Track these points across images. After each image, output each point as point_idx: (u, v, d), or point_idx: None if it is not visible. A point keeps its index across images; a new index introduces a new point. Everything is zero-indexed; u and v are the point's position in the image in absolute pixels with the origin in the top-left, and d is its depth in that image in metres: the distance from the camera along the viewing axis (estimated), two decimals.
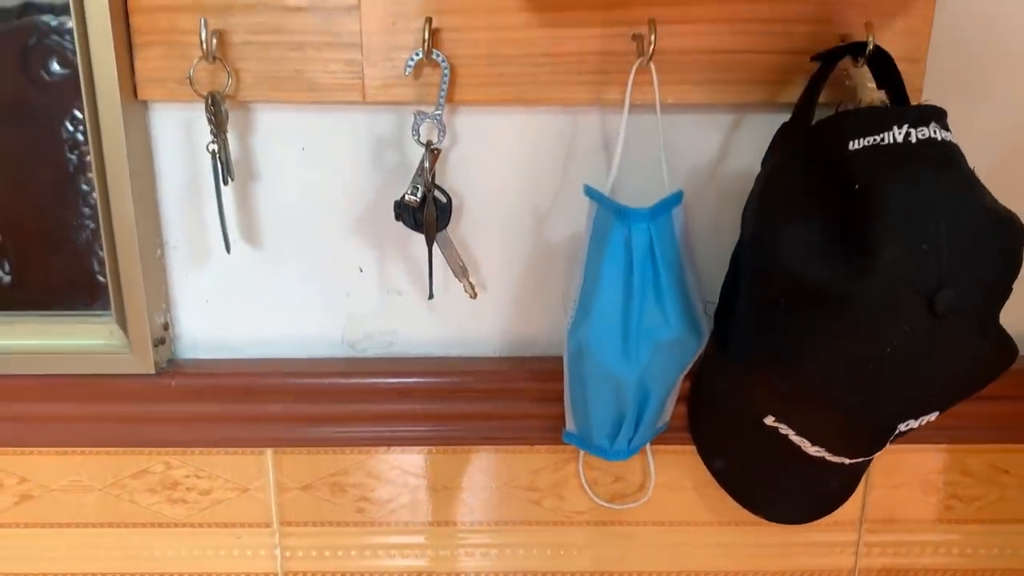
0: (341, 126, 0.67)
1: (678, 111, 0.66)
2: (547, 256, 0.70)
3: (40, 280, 0.76)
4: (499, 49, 0.63)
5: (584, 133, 0.67)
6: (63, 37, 0.68)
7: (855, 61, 0.61)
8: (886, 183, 0.52)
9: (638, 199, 0.68)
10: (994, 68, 0.67)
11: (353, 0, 0.62)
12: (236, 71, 0.64)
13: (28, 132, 0.73)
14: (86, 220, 0.73)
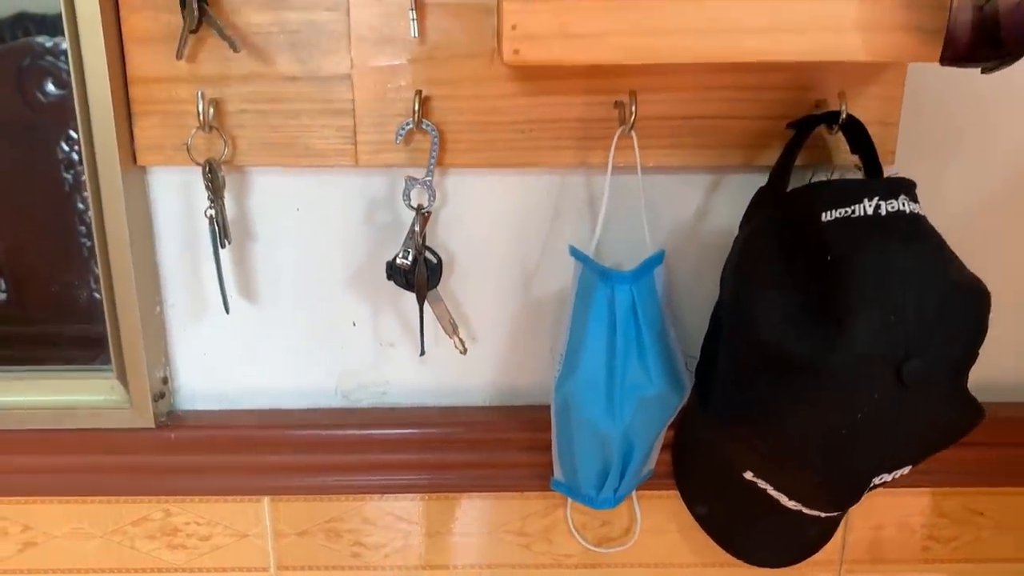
0: (335, 188, 0.69)
1: (659, 171, 0.68)
2: (535, 309, 0.73)
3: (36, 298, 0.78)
4: (486, 116, 0.66)
5: (569, 192, 0.70)
6: (58, 58, 0.70)
7: (829, 129, 0.64)
8: (856, 256, 0.55)
9: (622, 254, 0.71)
10: (965, 129, 0.69)
11: (345, 70, 0.65)
12: (232, 138, 0.66)
13: (24, 152, 0.74)
14: (82, 238, 0.75)
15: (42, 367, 0.74)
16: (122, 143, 0.66)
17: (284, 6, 0.63)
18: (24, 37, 0.75)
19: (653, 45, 0.52)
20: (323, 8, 0.63)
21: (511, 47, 0.52)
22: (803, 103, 0.66)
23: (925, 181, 0.68)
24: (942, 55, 0.50)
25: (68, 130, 0.74)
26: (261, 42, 0.64)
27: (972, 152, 0.70)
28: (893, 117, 0.66)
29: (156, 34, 0.64)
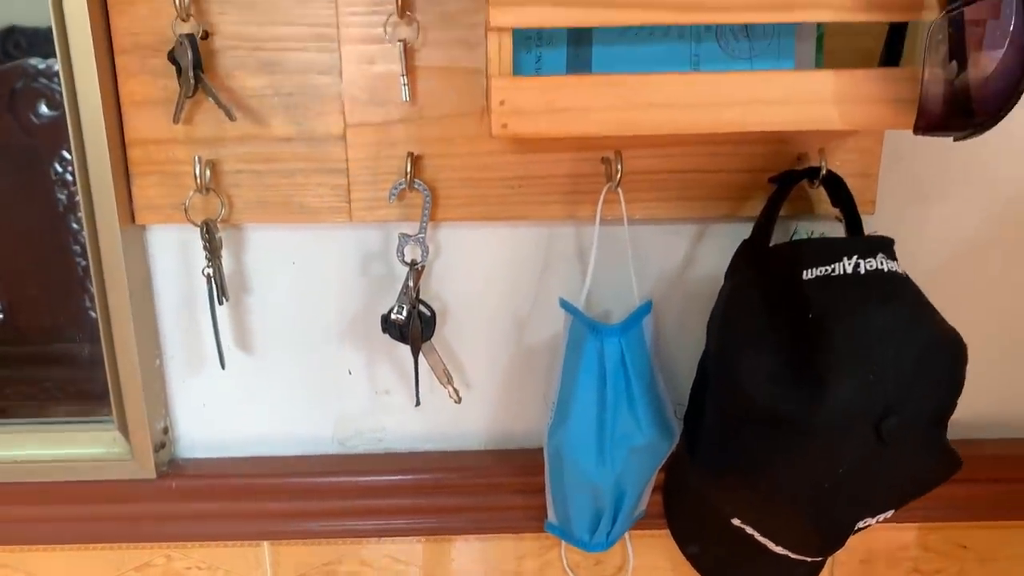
0: (330, 242, 0.71)
1: (646, 222, 0.70)
2: (527, 356, 0.74)
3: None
4: (477, 172, 0.67)
5: (559, 243, 0.71)
6: (51, 80, 0.71)
7: (810, 183, 0.65)
8: (836, 315, 0.56)
9: (611, 302, 0.72)
10: (944, 175, 0.71)
11: (339, 131, 0.66)
12: (229, 197, 0.67)
13: (18, 173, 0.75)
14: (77, 257, 0.77)
15: (44, 420, 0.76)
16: (121, 203, 0.67)
17: (278, 70, 0.65)
18: (15, 50, 0.76)
19: (637, 119, 0.53)
20: (316, 72, 0.65)
21: (499, 121, 0.53)
22: (784, 156, 0.67)
23: (906, 226, 0.71)
24: (915, 125, 0.52)
25: (61, 151, 0.75)
26: (256, 105, 0.65)
27: (951, 197, 0.72)
28: (872, 169, 0.68)
29: (153, 98, 0.65)
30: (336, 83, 0.65)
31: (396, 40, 0.63)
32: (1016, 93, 0.50)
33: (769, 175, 0.67)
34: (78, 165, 0.66)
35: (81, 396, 0.81)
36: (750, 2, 0.51)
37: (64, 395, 1.00)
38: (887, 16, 0.52)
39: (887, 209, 0.70)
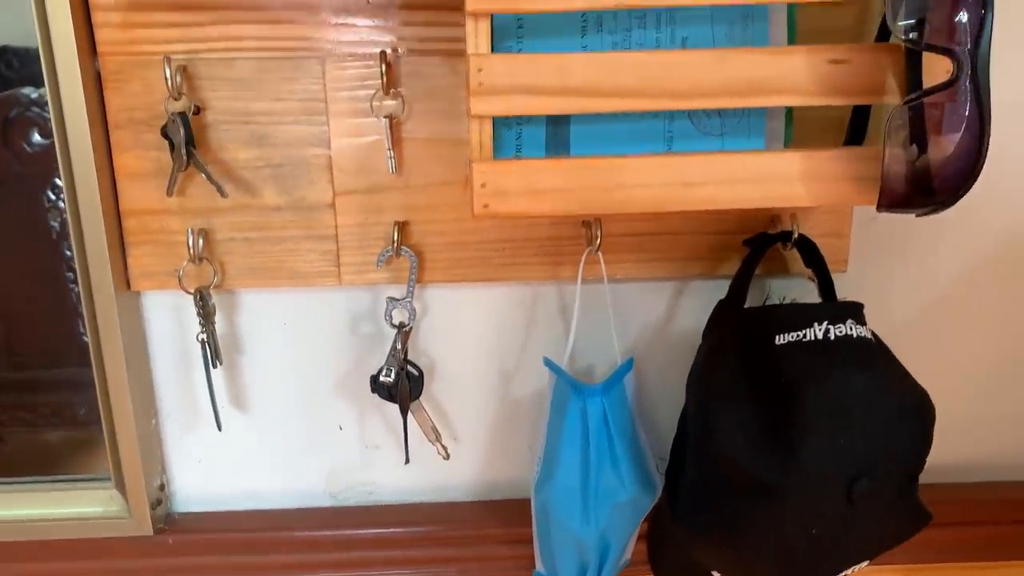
0: (320, 304, 0.73)
1: (626, 281, 0.72)
2: (513, 410, 0.76)
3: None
4: (462, 237, 0.70)
5: (542, 302, 0.74)
6: (43, 109, 0.73)
7: (784, 246, 0.68)
8: (808, 381, 0.59)
9: (593, 356, 0.75)
10: (913, 233, 0.74)
11: (328, 199, 0.68)
12: (221, 264, 0.69)
13: (10, 202, 0.76)
14: (71, 284, 0.78)
15: (40, 478, 0.77)
16: (116, 270, 0.69)
17: (268, 143, 0.67)
18: (7, 70, 0.77)
19: (613, 199, 0.56)
20: (306, 144, 0.67)
21: (481, 202, 0.56)
22: (758, 218, 0.70)
23: (878, 281, 0.74)
24: (878, 203, 0.54)
25: (54, 179, 0.77)
26: (247, 176, 0.68)
27: (922, 252, 0.74)
28: (844, 229, 0.71)
29: (147, 171, 0.67)
30: (325, 154, 0.67)
31: (382, 115, 0.65)
32: (974, 173, 0.52)
33: (743, 237, 0.70)
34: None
35: (74, 422, 0.83)
36: (720, 90, 0.54)
37: (60, 420, 1.02)
38: (850, 101, 0.55)
39: (860, 265, 0.73)
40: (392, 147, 0.66)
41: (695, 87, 0.54)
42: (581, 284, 0.69)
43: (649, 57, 0.54)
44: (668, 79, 0.53)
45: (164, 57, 0.63)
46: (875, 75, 0.54)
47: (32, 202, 0.83)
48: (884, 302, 0.74)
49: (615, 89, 0.54)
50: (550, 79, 0.53)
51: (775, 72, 0.53)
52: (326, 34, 0.65)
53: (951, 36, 0.50)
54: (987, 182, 0.66)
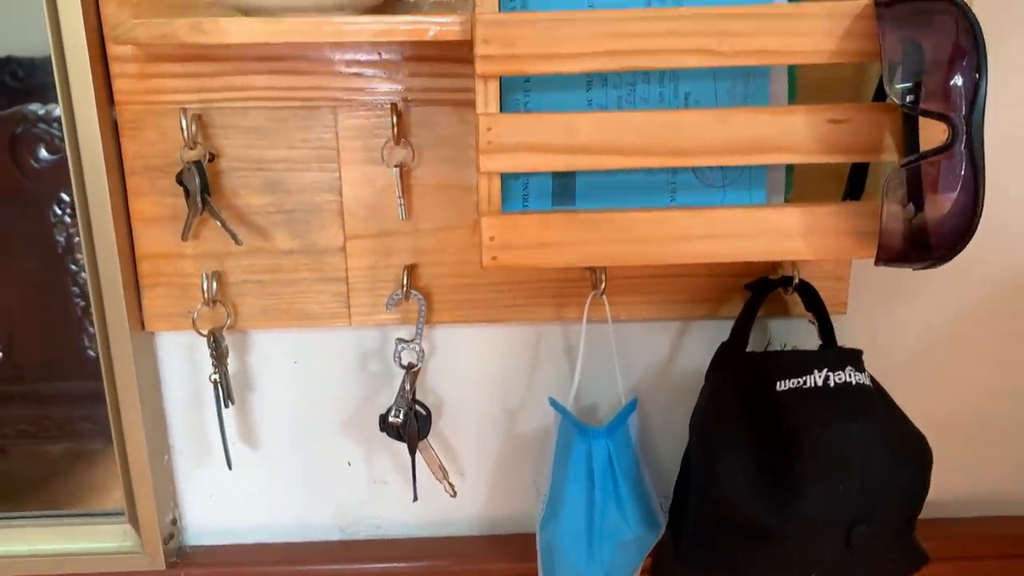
0: (329, 343, 0.74)
1: (631, 321, 0.74)
2: (518, 446, 0.78)
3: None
4: (469, 279, 0.71)
5: (547, 341, 0.75)
6: (50, 125, 0.74)
7: (785, 290, 0.69)
8: (808, 428, 0.60)
9: (598, 394, 0.76)
10: (909, 278, 0.75)
11: (339, 243, 0.70)
12: (234, 306, 0.71)
13: (18, 217, 0.78)
14: (76, 297, 0.80)
15: (54, 512, 0.79)
16: (131, 312, 0.70)
17: (281, 189, 0.68)
18: (12, 80, 0.78)
19: (617, 252, 0.57)
20: (318, 190, 0.69)
21: (489, 255, 0.57)
22: (760, 263, 0.71)
23: (878, 321, 0.75)
24: (876, 258, 0.56)
25: (60, 194, 0.78)
26: (260, 221, 0.69)
27: (922, 292, 0.76)
28: (844, 273, 0.72)
29: (161, 215, 0.69)
30: (336, 200, 0.69)
31: (393, 164, 0.67)
32: (970, 230, 0.54)
33: (745, 281, 0.71)
34: (91, 276, 0.70)
35: (76, 434, 0.84)
36: (722, 148, 0.55)
37: (62, 433, 1.03)
38: (849, 159, 0.56)
39: (859, 307, 0.74)
40: (402, 195, 0.67)
41: (697, 145, 0.55)
42: (586, 323, 0.70)
43: (652, 117, 0.55)
44: (671, 138, 0.55)
45: (180, 109, 0.65)
46: (873, 134, 0.55)
47: (38, 216, 0.85)
48: (883, 343, 0.76)
49: (619, 147, 0.55)
50: (556, 137, 0.55)
51: (776, 131, 0.55)
52: (338, 84, 0.66)
53: (947, 100, 0.52)
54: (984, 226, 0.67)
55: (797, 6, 0.54)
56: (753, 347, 0.72)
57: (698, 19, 0.53)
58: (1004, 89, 0.69)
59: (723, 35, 0.53)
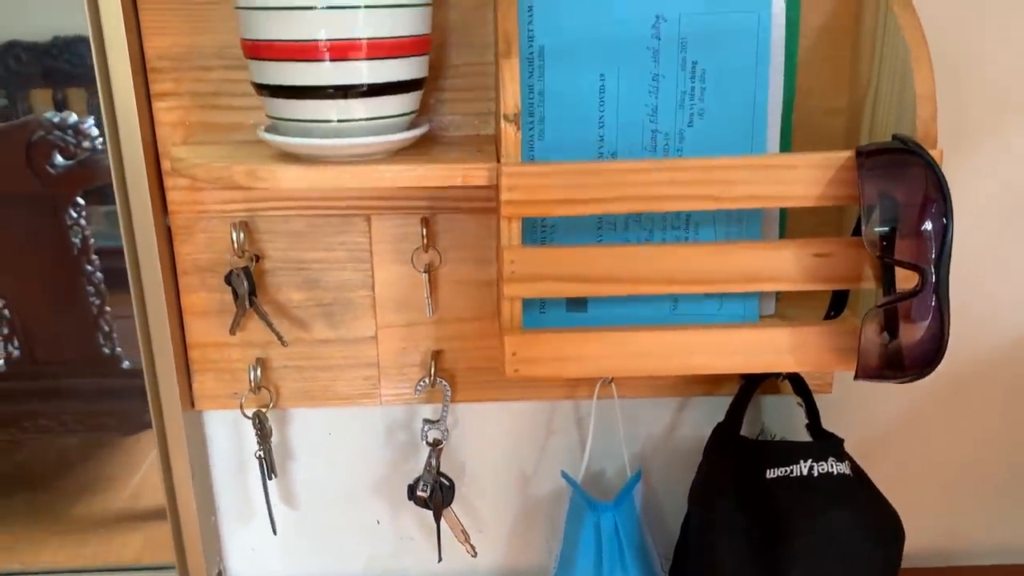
0: (361, 418, 0.82)
1: (635, 398, 0.81)
2: (533, 507, 0.86)
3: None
4: (489, 363, 0.78)
5: (559, 414, 0.83)
6: (65, 132, 0.81)
7: (776, 377, 0.76)
8: (794, 515, 0.68)
9: (606, 460, 0.84)
10: None
11: (371, 332, 0.77)
12: (276, 388, 0.78)
13: (35, 221, 0.86)
14: (92, 298, 0.87)
15: (109, 566, 0.87)
16: (183, 393, 0.78)
17: (319, 286, 0.75)
18: (15, 63, 0.85)
19: (625, 364, 0.64)
20: (353, 287, 0.75)
21: (512, 367, 0.64)
22: None
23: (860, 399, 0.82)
24: (855, 375, 0.63)
25: (75, 198, 0.85)
26: (300, 314, 0.76)
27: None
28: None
29: (211, 309, 0.76)
30: (369, 296, 0.76)
31: (421, 269, 0.74)
32: (940, 353, 0.60)
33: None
34: (146, 362, 0.77)
35: (93, 428, 0.91)
36: (720, 278, 0.62)
37: (81, 427, 1.11)
38: (832, 287, 0.63)
39: (843, 386, 0.81)
40: (430, 294, 0.74)
41: (699, 276, 0.62)
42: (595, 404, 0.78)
43: (658, 250, 0.62)
44: (675, 270, 0.62)
45: (231, 224, 0.71)
46: (854, 266, 0.62)
47: (55, 219, 0.91)
48: (866, 418, 0.83)
49: (629, 277, 0.62)
50: (572, 268, 0.62)
51: (768, 264, 0.62)
52: (373, 196, 0.73)
53: (918, 243, 0.58)
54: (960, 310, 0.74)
55: (787, 157, 0.61)
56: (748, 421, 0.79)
57: (700, 170, 0.59)
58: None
59: (722, 183, 0.60)
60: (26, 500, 1.12)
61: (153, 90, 0.70)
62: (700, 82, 0.65)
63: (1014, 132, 0.75)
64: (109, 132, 0.69)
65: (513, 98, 0.59)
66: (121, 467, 1.32)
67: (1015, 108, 0.74)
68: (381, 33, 0.57)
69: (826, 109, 0.71)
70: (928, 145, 0.59)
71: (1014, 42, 0.73)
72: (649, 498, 0.85)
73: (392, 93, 0.60)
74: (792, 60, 0.66)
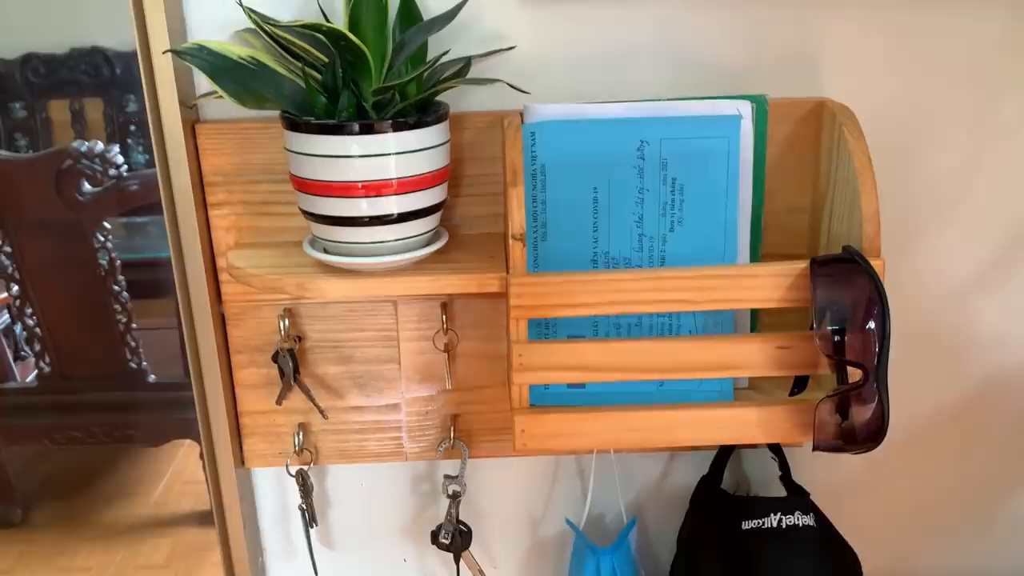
0: (389, 470, 0.93)
1: (631, 451, 0.92)
2: (540, 545, 0.97)
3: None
4: (502, 425, 0.89)
5: (564, 467, 0.94)
6: (92, 161, 0.92)
7: None
8: (765, 562, 0.79)
9: (604, 506, 0.95)
10: None
11: (397, 400, 0.88)
12: (316, 449, 0.90)
13: (64, 245, 0.98)
14: (118, 315, 0.99)
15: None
16: (235, 453, 0.89)
17: (352, 361, 0.87)
18: (33, 76, 0.94)
19: (622, 439, 0.75)
20: (381, 361, 0.87)
21: (521, 442, 0.75)
22: None
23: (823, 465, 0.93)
24: (813, 447, 0.74)
25: (103, 223, 0.95)
26: (336, 384, 0.87)
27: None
28: None
29: (259, 383, 0.87)
30: (396, 369, 0.87)
31: (441, 347, 0.85)
32: (884, 429, 0.71)
33: None
34: (203, 429, 0.88)
35: (120, 439, 1.02)
36: (698, 367, 0.73)
37: (109, 440, 1.23)
38: (793, 373, 0.74)
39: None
40: (449, 370, 0.85)
41: (681, 365, 0.73)
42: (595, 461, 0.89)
43: (646, 345, 0.73)
44: (660, 361, 0.72)
45: (278, 316, 0.83)
46: (811, 356, 0.72)
47: (83, 243, 1.02)
48: (832, 467, 0.94)
49: (620, 367, 0.73)
50: (571, 360, 0.73)
51: (738, 355, 0.72)
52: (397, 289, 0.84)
53: (863, 341, 0.69)
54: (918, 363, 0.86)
55: (752, 267, 0.72)
56: (731, 469, 0.90)
57: (678, 279, 0.70)
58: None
59: (697, 290, 0.70)
60: (57, 508, 1.23)
61: (209, 200, 0.81)
62: (679, 195, 0.76)
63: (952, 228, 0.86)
64: (171, 238, 0.80)
65: (519, 220, 0.70)
66: (148, 475, 1.44)
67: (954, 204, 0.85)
68: (409, 173, 0.68)
69: (791, 208, 0.82)
70: (872, 256, 0.70)
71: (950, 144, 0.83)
72: (643, 541, 0.96)
73: (417, 218, 0.71)
74: (760, 171, 0.77)
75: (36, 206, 1.37)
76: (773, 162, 0.80)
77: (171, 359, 1.15)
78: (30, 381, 1.38)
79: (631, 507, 0.95)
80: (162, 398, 1.45)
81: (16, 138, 1.46)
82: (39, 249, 1.38)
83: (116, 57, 1.39)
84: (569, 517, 0.93)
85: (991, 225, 0.86)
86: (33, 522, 1.37)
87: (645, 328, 0.79)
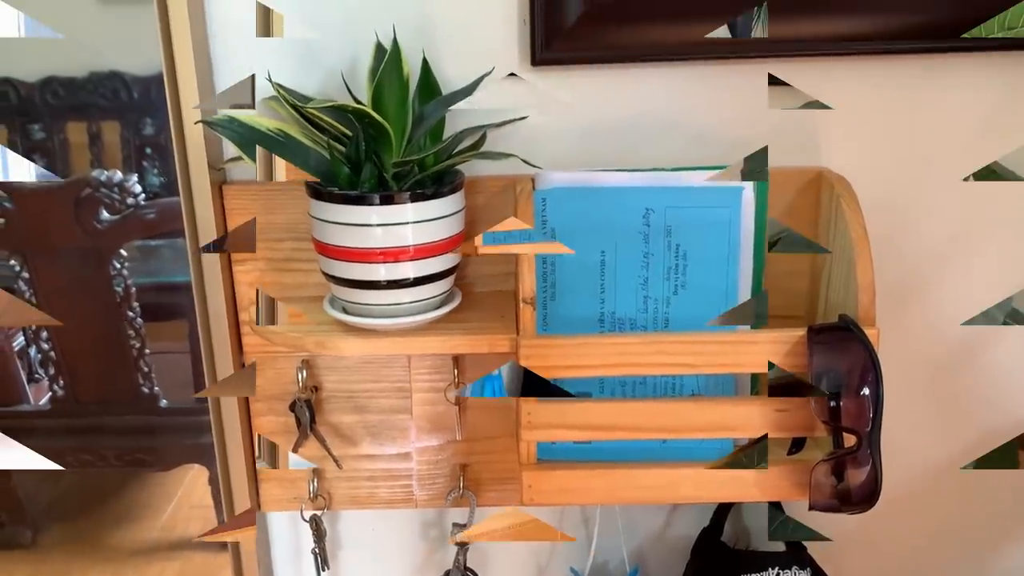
0: (400, 515, 0.96)
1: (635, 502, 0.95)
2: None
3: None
4: (509, 474, 0.92)
5: (569, 516, 0.96)
6: (111, 190, 0.95)
7: None
8: None
9: (608, 553, 0.97)
10: None
11: (408, 449, 0.91)
12: (330, 495, 0.93)
13: (82, 271, 0.99)
14: (131, 341, 1.02)
15: None
16: (252, 497, 0.92)
17: (366, 411, 0.90)
18: (53, 99, 0.97)
19: (625, 495, 0.78)
20: (394, 411, 0.90)
21: (528, 496, 0.78)
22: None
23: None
24: (809, 507, 0.76)
25: (120, 250, 0.98)
26: (350, 433, 0.91)
27: None
28: None
29: (277, 429, 0.90)
30: (408, 419, 0.90)
31: (452, 400, 0.88)
32: (878, 491, 0.74)
33: None
34: (222, 474, 0.91)
35: (130, 463, 1.04)
36: (699, 428, 0.76)
37: (121, 462, 1.25)
38: (791, 435, 0.77)
39: None
40: (459, 421, 0.89)
41: (683, 426, 0.76)
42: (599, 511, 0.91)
43: (650, 406, 0.76)
44: (663, 422, 0.76)
45: (296, 368, 0.86)
46: (807, 419, 0.75)
47: (100, 270, 1.05)
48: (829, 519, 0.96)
49: (625, 426, 0.76)
50: (578, 419, 0.76)
51: (739, 417, 0.75)
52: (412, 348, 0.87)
53: (858, 406, 0.72)
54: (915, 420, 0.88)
55: (751, 334, 0.75)
56: (732, 520, 0.93)
57: (679, 344, 0.73)
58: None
59: (699, 354, 0.74)
60: (67, 530, 1.25)
61: (234, 257, 0.84)
62: (683, 260, 0.79)
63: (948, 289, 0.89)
64: (197, 295, 0.84)
65: (530, 285, 0.74)
66: (156, 499, 1.47)
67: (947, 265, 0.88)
68: (426, 240, 0.72)
69: (792, 272, 0.85)
70: (867, 325, 0.73)
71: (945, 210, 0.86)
72: None
73: (432, 282, 0.74)
74: (761, 237, 0.80)
75: (55, 233, 1.41)
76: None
77: (181, 384, 1.19)
78: (43, 404, 1.42)
79: (634, 556, 0.97)
80: (173, 423, 1.48)
81: (34, 159, 1.51)
82: (56, 275, 1.42)
83: (133, 81, 1.45)
84: (574, 565, 0.96)
85: (985, 288, 0.89)
86: (43, 544, 1.40)
87: (649, 386, 0.82)
